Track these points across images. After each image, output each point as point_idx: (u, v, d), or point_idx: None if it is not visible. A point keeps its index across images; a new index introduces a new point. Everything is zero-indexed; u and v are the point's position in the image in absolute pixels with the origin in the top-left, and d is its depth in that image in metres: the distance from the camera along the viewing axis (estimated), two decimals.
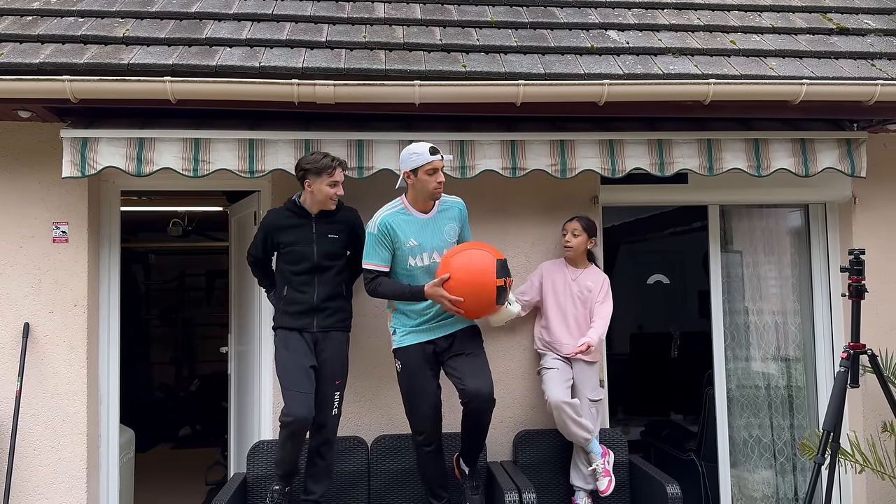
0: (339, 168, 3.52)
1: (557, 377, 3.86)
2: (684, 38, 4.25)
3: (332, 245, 3.60)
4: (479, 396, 3.37)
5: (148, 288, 9.09)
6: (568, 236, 3.98)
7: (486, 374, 3.44)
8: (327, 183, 3.49)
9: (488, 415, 3.47)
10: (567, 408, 3.76)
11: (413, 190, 3.47)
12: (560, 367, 3.91)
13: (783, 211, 4.70)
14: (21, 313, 3.91)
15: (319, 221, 3.60)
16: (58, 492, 3.88)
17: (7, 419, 3.85)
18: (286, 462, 3.43)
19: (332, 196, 3.52)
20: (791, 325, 4.66)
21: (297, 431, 3.34)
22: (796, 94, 3.73)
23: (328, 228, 3.60)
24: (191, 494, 5.73)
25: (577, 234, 3.97)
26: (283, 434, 3.36)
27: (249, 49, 3.82)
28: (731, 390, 4.58)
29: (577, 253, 3.99)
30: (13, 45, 3.70)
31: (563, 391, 3.82)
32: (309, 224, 3.60)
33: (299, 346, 3.52)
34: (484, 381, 3.40)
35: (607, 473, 3.81)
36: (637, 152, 3.89)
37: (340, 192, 3.54)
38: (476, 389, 3.36)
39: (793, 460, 4.61)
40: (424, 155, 3.37)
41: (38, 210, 3.96)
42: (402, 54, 3.88)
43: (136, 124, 3.69)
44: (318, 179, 3.49)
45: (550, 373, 3.90)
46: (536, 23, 4.26)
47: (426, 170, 3.38)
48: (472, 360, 3.46)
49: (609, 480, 3.80)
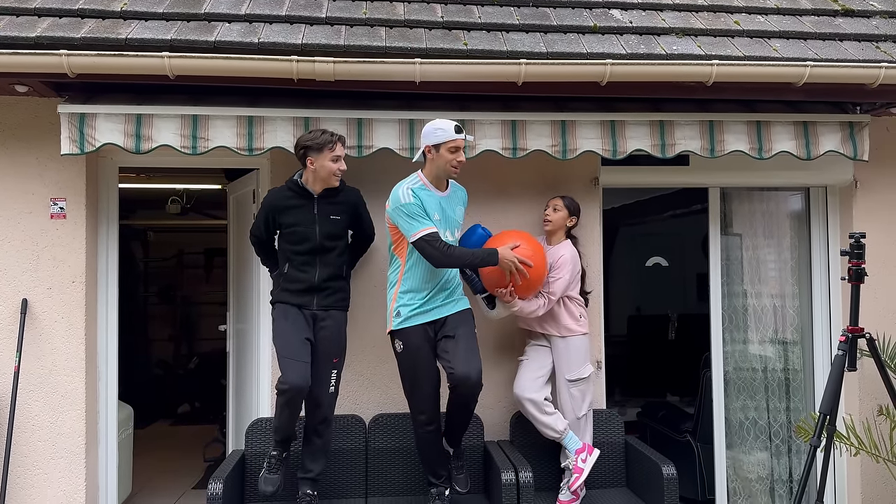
0: (339, 143, 3.49)
1: (526, 369, 3.86)
2: (688, 18, 4.21)
3: (333, 226, 3.57)
4: (468, 381, 3.37)
5: (146, 265, 9.08)
6: (549, 211, 3.93)
7: (475, 359, 3.43)
8: (330, 158, 3.45)
9: (475, 399, 3.47)
10: (526, 403, 3.77)
11: (431, 165, 3.44)
12: (533, 355, 3.89)
13: (784, 194, 4.69)
14: (19, 289, 3.91)
15: (321, 202, 3.58)
16: (56, 467, 3.90)
17: (6, 395, 3.86)
18: (283, 429, 3.45)
19: (336, 171, 3.49)
20: (789, 309, 4.66)
21: (293, 399, 3.34)
22: (800, 77, 3.71)
23: (330, 209, 3.58)
24: (189, 471, 5.76)
25: (557, 209, 3.91)
26: (280, 401, 3.37)
27: (248, 25, 3.78)
28: (728, 373, 4.59)
29: (555, 227, 3.92)
30: (9, 19, 3.66)
31: (527, 383, 3.80)
32: (310, 205, 3.57)
33: (298, 319, 3.52)
34: (473, 366, 3.39)
35: (578, 471, 3.70)
36: (639, 133, 3.86)
37: (343, 166, 3.51)
38: (465, 374, 3.36)
39: (788, 442, 4.64)
40: (449, 132, 3.35)
41: (36, 186, 3.94)
42: (403, 31, 3.84)
43: (134, 100, 3.66)
44: (321, 155, 3.45)
45: (522, 364, 3.90)
46: (539, 1, 4.22)
47: (449, 147, 3.36)
48: (463, 342, 3.45)
49: (576, 478, 3.70)
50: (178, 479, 5.56)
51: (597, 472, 3.99)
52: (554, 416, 3.78)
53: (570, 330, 3.84)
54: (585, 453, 3.76)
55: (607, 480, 4.03)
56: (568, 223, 3.95)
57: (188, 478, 5.59)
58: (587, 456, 3.75)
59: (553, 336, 3.86)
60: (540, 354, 3.89)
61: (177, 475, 5.67)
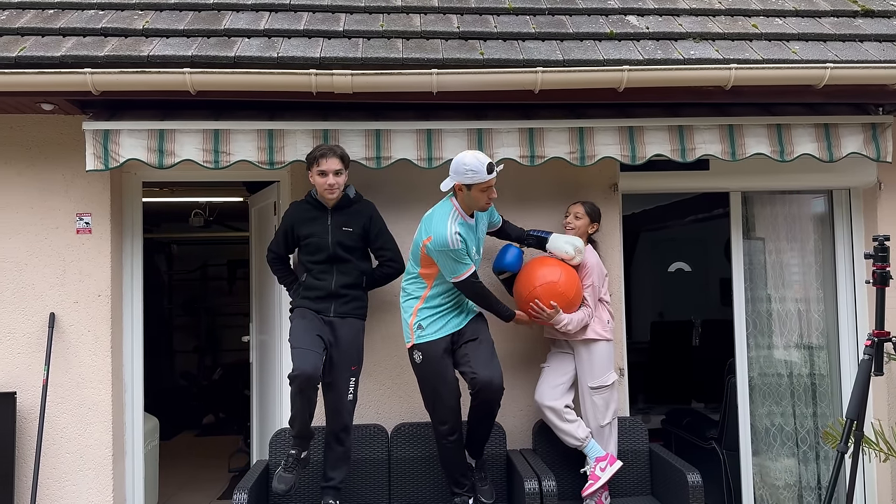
0: (325, 157, 3.51)
1: (548, 376, 3.85)
2: (705, 22, 4.19)
3: (346, 237, 3.63)
4: (491, 385, 3.39)
5: (171, 278, 9.19)
6: (570, 218, 3.93)
7: (496, 363, 3.47)
8: (316, 172, 3.54)
9: (497, 404, 3.49)
10: (546, 411, 3.76)
11: (464, 199, 3.45)
12: (554, 363, 3.88)
13: (806, 197, 4.64)
14: (47, 303, 3.98)
15: (335, 214, 3.65)
16: (84, 478, 3.95)
17: (35, 407, 3.92)
18: (297, 420, 3.46)
19: (324, 185, 3.54)
20: (814, 313, 4.60)
21: (304, 388, 3.35)
22: (820, 79, 3.68)
23: (342, 221, 3.65)
24: (214, 481, 5.80)
25: (579, 216, 3.91)
26: (293, 391, 3.39)
27: (267, 39, 3.83)
28: (752, 378, 4.54)
29: (577, 235, 3.92)
30: (35, 39, 3.74)
31: (549, 392, 3.79)
32: (325, 217, 3.64)
33: (314, 319, 3.58)
34: (495, 370, 3.43)
35: (594, 478, 3.68)
36: (657, 138, 3.85)
37: (331, 180, 3.53)
38: (488, 378, 3.38)
39: (816, 449, 4.57)
40: (482, 174, 3.32)
41: (62, 201, 4.01)
42: (420, 43, 3.87)
43: (157, 116, 3.72)
44: (311, 171, 3.57)
45: (543, 371, 3.90)
46: (555, 9, 4.23)
47: (481, 187, 3.37)
48: (482, 347, 3.48)
49: (590, 484, 3.67)
50: (204, 490, 5.60)
51: (621, 480, 3.96)
52: (575, 424, 3.76)
53: (597, 334, 3.81)
54: (606, 462, 3.73)
55: (632, 488, 4.00)
56: (590, 230, 3.95)
57: (213, 488, 5.63)
58: (607, 465, 3.72)
59: (576, 342, 3.85)
60: (562, 361, 3.88)
61: (202, 486, 5.72)
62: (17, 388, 3.92)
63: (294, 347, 3.46)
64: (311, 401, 3.42)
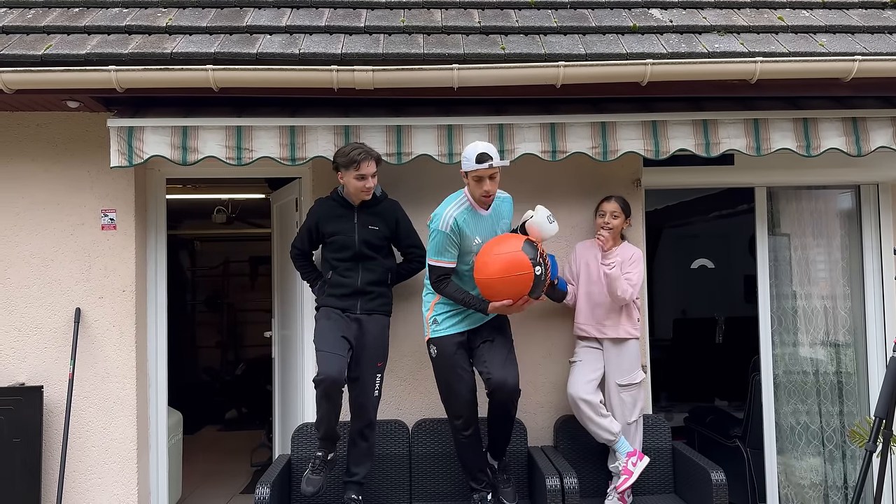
0: (365, 161, 3.52)
1: (581, 370, 3.82)
2: (730, 15, 4.14)
3: (372, 235, 3.65)
4: (504, 386, 3.36)
5: (194, 274, 9.27)
6: (608, 217, 3.87)
7: (512, 364, 3.43)
8: (354, 176, 3.54)
9: (514, 405, 3.46)
10: (582, 404, 3.72)
11: (468, 188, 3.46)
12: (587, 358, 3.85)
13: (833, 192, 4.57)
14: (72, 298, 4.03)
15: (361, 212, 3.67)
16: (109, 471, 4.00)
17: (61, 401, 3.98)
18: (323, 423, 3.47)
19: (362, 188, 3.56)
20: (841, 310, 4.53)
21: (330, 391, 3.36)
22: (848, 72, 3.61)
23: (369, 219, 3.66)
24: (237, 475, 5.85)
25: (616, 215, 3.87)
26: (318, 394, 3.41)
27: (289, 36, 3.84)
28: (777, 376, 4.48)
29: (615, 234, 3.92)
30: (61, 37, 3.79)
31: (583, 386, 3.76)
32: (351, 214, 3.66)
33: (340, 320, 3.60)
34: (509, 372, 3.39)
35: (627, 472, 3.65)
36: (681, 133, 3.80)
37: (369, 184, 3.56)
38: (502, 379, 3.35)
39: (842, 448, 4.50)
40: (471, 161, 3.33)
41: (87, 198, 4.06)
42: (441, 38, 3.86)
43: (180, 113, 3.75)
44: (347, 172, 3.56)
45: (575, 366, 3.86)
46: (577, 2, 4.20)
47: (473, 176, 3.36)
48: (498, 348, 3.45)
49: (625, 479, 3.64)
50: (227, 484, 5.65)
51: (644, 478, 3.92)
52: (609, 419, 3.75)
53: (628, 332, 3.82)
54: (636, 457, 3.71)
55: (655, 487, 3.96)
56: (624, 226, 3.93)
57: (236, 482, 5.68)
58: (637, 461, 3.70)
59: (606, 339, 3.84)
60: (593, 357, 3.86)
61: (225, 480, 5.77)
62: (44, 382, 3.98)
63: (319, 350, 3.47)
64: (336, 404, 3.44)
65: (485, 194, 3.38)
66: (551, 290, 3.88)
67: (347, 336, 3.54)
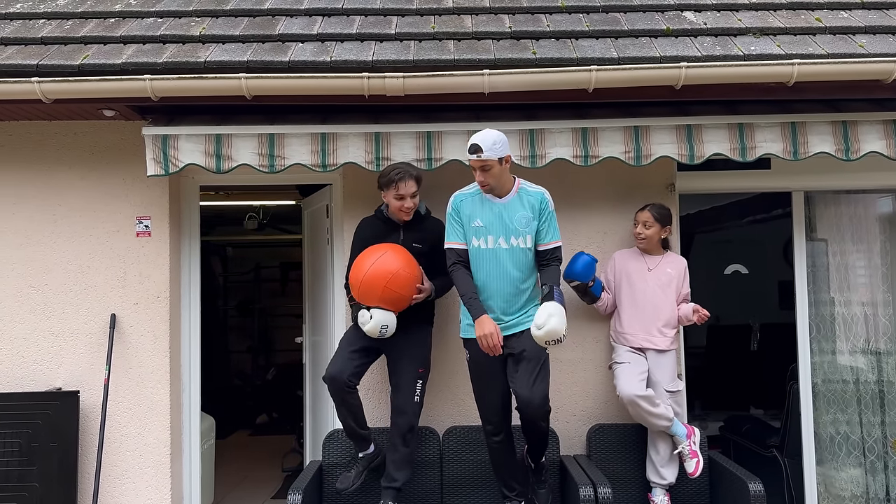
0: (403, 180, 3.53)
1: (629, 371, 3.77)
2: (765, 17, 4.06)
3: (417, 253, 3.65)
4: (531, 405, 3.30)
5: (226, 280, 9.37)
6: (639, 228, 3.88)
7: (540, 382, 3.33)
8: (393, 196, 3.57)
9: (542, 422, 3.39)
10: (641, 401, 3.67)
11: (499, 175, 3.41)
12: (632, 359, 3.82)
13: (872, 196, 4.46)
14: (108, 304, 4.08)
15: (407, 230, 3.70)
16: (143, 476, 4.04)
17: (97, 405, 4.03)
18: (343, 421, 3.60)
19: (402, 208, 3.59)
20: (882, 317, 4.42)
21: (333, 389, 3.48)
22: (889, 73, 3.52)
23: (414, 237, 3.69)
24: (268, 481, 5.88)
25: (648, 225, 3.86)
26: (328, 392, 3.54)
27: (321, 44, 3.86)
28: (816, 384, 4.38)
29: (650, 244, 3.89)
30: (98, 47, 3.85)
31: (636, 384, 3.72)
32: (396, 233, 3.70)
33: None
34: (536, 390, 3.30)
35: (694, 455, 3.71)
36: (716, 137, 3.74)
37: (408, 204, 3.58)
38: (527, 398, 3.29)
39: (884, 459, 4.38)
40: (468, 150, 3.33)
41: (123, 205, 4.12)
42: (471, 43, 3.85)
43: (213, 121, 3.79)
44: (387, 192, 3.60)
45: (622, 367, 3.81)
46: (609, 6, 4.16)
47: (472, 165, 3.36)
48: (527, 364, 3.35)
49: (697, 462, 3.71)
50: (258, 489, 5.68)
51: (679, 488, 3.86)
52: (662, 406, 3.73)
53: (670, 344, 3.86)
54: (694, 435, 3.77)
55: (690, 497, 3.89)
56: (663, 234, 3.89)
57: (267, 488, 5.70)
58: (696, 437, 3.78)
59: (650, 349, 3.84)
60: (638, 360, 3.83)
61: (256, 485, 5.80)
62: (80, 387, 4.04)
63: (336, 351, 3.61)
64: (346, 403, 3.51)
65: (479, 184, 3.39)
66: (583, 292, 3.85)
67: (370, 345, 3.61)
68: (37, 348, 4.06)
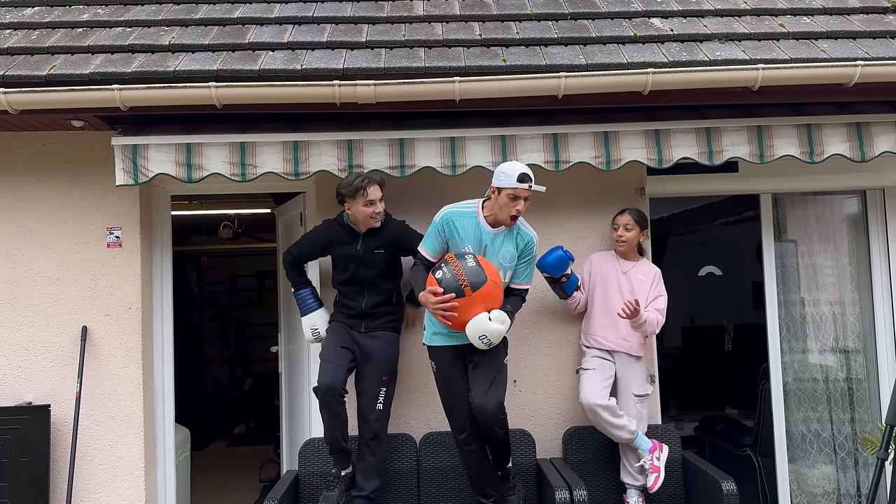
0: (371, 186, 3.54)
1: (594, 378, 3.81)
2: (731, 23, 4.13)
3: (377, 259, 3.69)
4: (484, 411, 3.30)
5: (201, 289, 9.29)
6: (620, 231, 3.92)
7: (495, 388, 3.33)
8: (362, 203, 3.56)
9: (497, 429, 3.37)
10: (600, 410, 3.70)
11: (492, 204, 3.40)
12: (599, 366, 3.85)
13: (839, 198, 4.54)
14: (79, 317, 4.04)
15: (366, 238, 3.71)
16: (117, 490, 3.99)
17: (68, 419, 3.98)
18: (328, 435, 3.55)
19: (371, 214, 3.59)
20: (850, 316, 4.50)
21: (326, 398, 3.44)
22: (850, 77, 3.60)
23: (374, 244, 3.70)
24: (245, 491, 5.84)
25: (629, 227, 3.91)
26: (319, 405, 3.49)
27: (291, 52, 3.86)
28: (787, 384, 4.45)
29: (629, 247, 3.94)
30: (65, 57, 3.81)
31: (598, 392, 3.75)
32: (356, 241, 3.71)
33: (343, 333, 3.70)
34: (490, 397, 3.30)
35: (655, 469, 3.71)
36: (684, 141, 3.80)
37: (378, 209, 3.59)
38: (480, 404, 3.30)
39: (854, 455, 4.46)
40: (511, 180, 3.28)
41: (93, 216, 4.08)
42: (442, 51, 3.87)
43: (184, 130, 3.77)
44: (354, 202, 3.57)
45: (587, 374, 3.85)
46: (577, 13, 4.21)
47: (508, 193, 3.30)
48: (483, 371, 3.36)
49: (656, 477, 3.70)
50: (235, 500, 5.64)
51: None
52: (625, 417, 3.76)
53: (639, 348, 3.88)
54: (658, 451, 3.76)
55: (665, 497, 3.93)
56: (640, 238, 3.94)
57: (244, 498, 5.66)
58: (660, 453, 3.75)
59: (619, 352, 3.87)
60: (604, 365, 3.86)
61: (233, 496, 5.75)
62: (51, 401, 3.98)
63: (321, 362, 3.57)
64: (337, 414, 3.47)
65: (515, 214, 3.32)
66: (557, 285, 3.87)
67: (349, 346, 3.63)
68: (6, 362, 4.00)
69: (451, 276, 3.23)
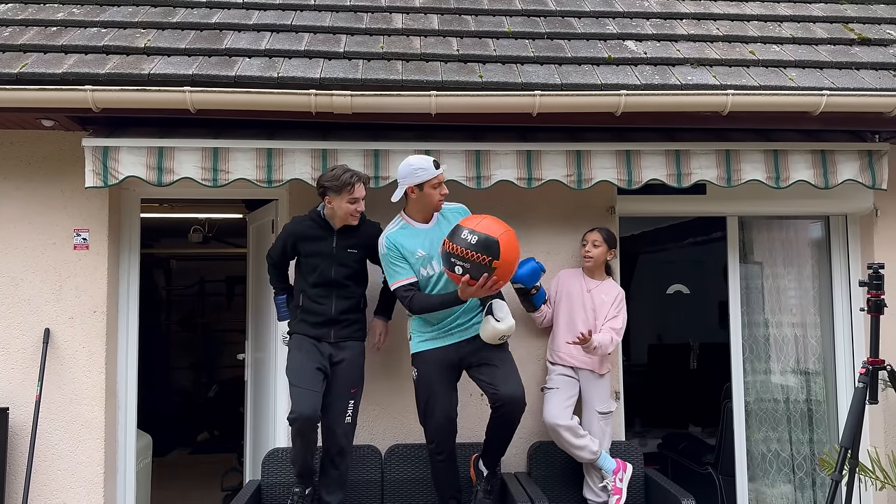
0: (358, 184, 3.49)
1: (557, 397, 3.84)
2: (703, 48, 4.22)
3: (350, 258, 3.61)
4: (513, 400, 3.37)
5: (169, 293, 9.18)
6: (588, 247, 3.98)
7: (517, 379, 3.44)
8: (347, 200, 3.48)
9: (519, 418, 3.46)
10: (562, 430, 3.74)
11: (416, 204, 3.47)
12: (563, 384, 3.88)
13: (804, 222, 4.65)
14: (42, 319, 3.97)
15: (341, 235, 3.62)
16: (75, 496, 3.92)
17: (27, 423, 3.90)
18: (298, 460, 3.47)
19: (353, 212, 3.53)
20: (811, 338, 4.59)
21: (304, 429, 3.33)
22: (816, 106, 3.70)
23: (349, 242, 3.62)
24: (207, 499, 5.76)
25: (597, 244, 3.96)
26: (292, 432, 3.39)
27: (268, 59, 3.86)
28: (749, 403, 4.52)
29: (596, 264, 3.98)
30: (37, 56, 3.77)
31: (560, 411, 3.78)
32: (330, 238, 3.61)
33: (312, 351, 3.55)
34: (517, 386, 3.40)
35: (617, 491, 3.74)
36: (654, 163, 3.87)
37: (361, 208, 3.54)
38: (510, 394, 3.36)
39: (812, 475, 4.54)
40: (430, 170, 3.38)
41: (60, 217, 4.02)
42: (419, 65, 3.90)
43: (156, 133, 3.74)
44: (338, 197, 3.48)
45: (550, 392, 3.89)
46: (554, 33, 4.26)
47: (432, 184, 3.40)
48: (501, 367, 3.44)
49: (618, 499, 3.73)
50: None
51: None
52: (587, 437, 3.79)
53: (602, 365, 3.91)
54: (622, 471, 3.79)
55: None
56: (608, 257, 3.98)
57: None
58: (623, 474, 3.79)
59: (582, 370, 3.90)
60: (568, 384, 3.89)
61: None
62: (10, 404, 3.90)
63: (293, 385, 3.44)
64: (310, 441, 3.41)
65: (442, 197, 3.46)
66: (525, 296, 3.91)
67: (322, 367, 3.50)
68: None
69: (470, 264, 3.17)
